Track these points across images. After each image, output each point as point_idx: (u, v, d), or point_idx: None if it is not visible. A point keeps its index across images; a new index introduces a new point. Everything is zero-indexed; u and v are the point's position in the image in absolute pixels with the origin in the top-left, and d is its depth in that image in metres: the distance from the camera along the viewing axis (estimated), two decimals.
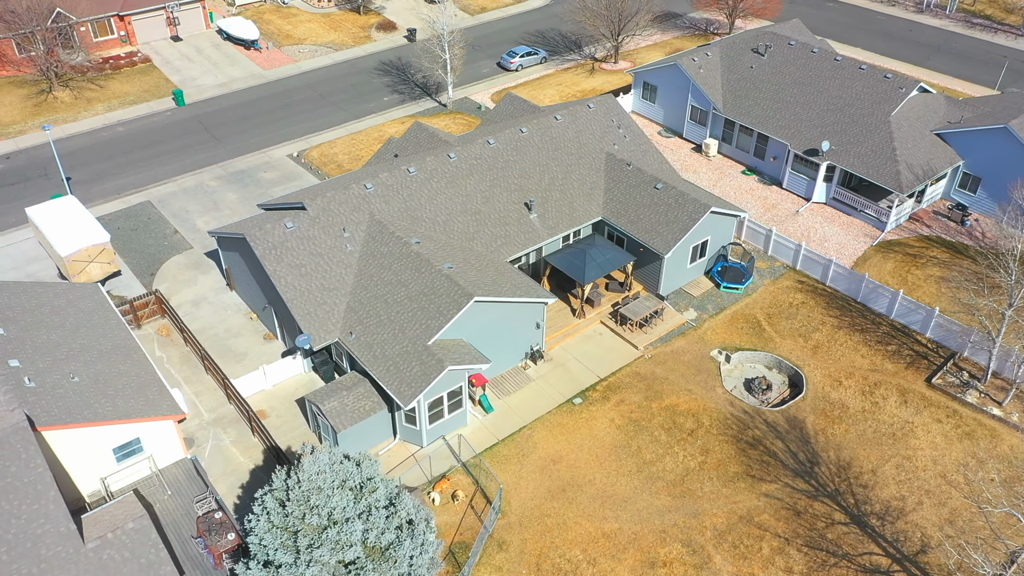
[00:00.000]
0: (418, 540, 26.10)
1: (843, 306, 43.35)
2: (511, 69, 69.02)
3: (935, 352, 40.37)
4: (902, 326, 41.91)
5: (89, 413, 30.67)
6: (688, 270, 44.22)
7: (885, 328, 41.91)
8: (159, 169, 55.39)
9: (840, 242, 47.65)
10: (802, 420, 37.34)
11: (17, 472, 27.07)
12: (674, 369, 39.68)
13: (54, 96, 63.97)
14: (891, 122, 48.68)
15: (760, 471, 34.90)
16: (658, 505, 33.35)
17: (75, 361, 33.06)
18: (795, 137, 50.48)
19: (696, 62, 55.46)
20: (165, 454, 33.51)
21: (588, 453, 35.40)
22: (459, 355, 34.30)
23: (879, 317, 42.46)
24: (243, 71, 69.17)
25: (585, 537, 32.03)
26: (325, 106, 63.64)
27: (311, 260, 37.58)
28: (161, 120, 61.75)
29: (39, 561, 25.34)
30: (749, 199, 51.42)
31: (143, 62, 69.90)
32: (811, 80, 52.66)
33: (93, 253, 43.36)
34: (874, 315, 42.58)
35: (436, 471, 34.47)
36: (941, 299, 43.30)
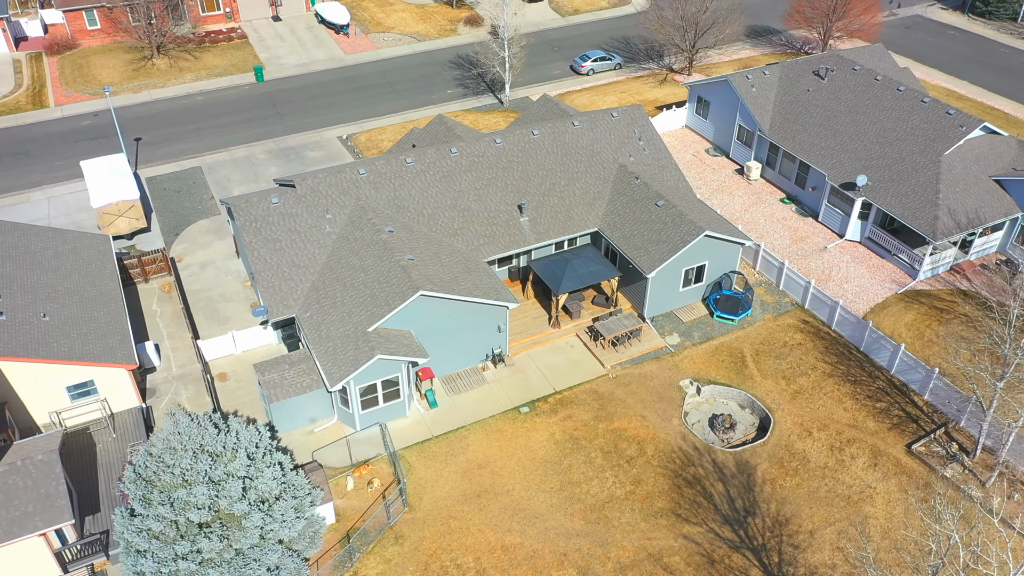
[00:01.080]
0: (279, 515, 26.66)
1: (842, 353, 40.17)
2: (582, 73, 68.26)
3: (929, 416, 36.70)
4: (901, 383, 38.37)
5: (44, 350, 33.28)
6: (680, 294, 42.36)
7: (881, 383, 38.50)
8: (219, 138, 58.89)
9: (862, 285, 44.10)
10: (754, 466, 35.01)
11: None
12: (635, 393, 38.19)
13: (153, 63, 69.27)
14: (941, 162, 44.47)
15: (688, 511, 33.06)
16: (568, 527, 32.32)
17: (53, 302, 35.91)
18: (835, 168, 47.12)
19: (749, 80, 52.81)
20: (119, 400, 35.81)
21: (516, 463, 34.76)
22: (397, 345, 34.58)
23: (878, 370, 39.05)
24: (326, 54, 72.20)
25: (483, 546, 31.54)
26: (390, 93, 65.39)
27: (288, 236, 38.93)
28: (237, 93, 65.55)
29: None
30: (779, 229, 48.49)
31: (240, 38, 74.41)
32: (866, 109, 48.92)
33: (123, 208, 46.81)
34: (874, 367, 39.21)
35: (362, 456, 34.97)
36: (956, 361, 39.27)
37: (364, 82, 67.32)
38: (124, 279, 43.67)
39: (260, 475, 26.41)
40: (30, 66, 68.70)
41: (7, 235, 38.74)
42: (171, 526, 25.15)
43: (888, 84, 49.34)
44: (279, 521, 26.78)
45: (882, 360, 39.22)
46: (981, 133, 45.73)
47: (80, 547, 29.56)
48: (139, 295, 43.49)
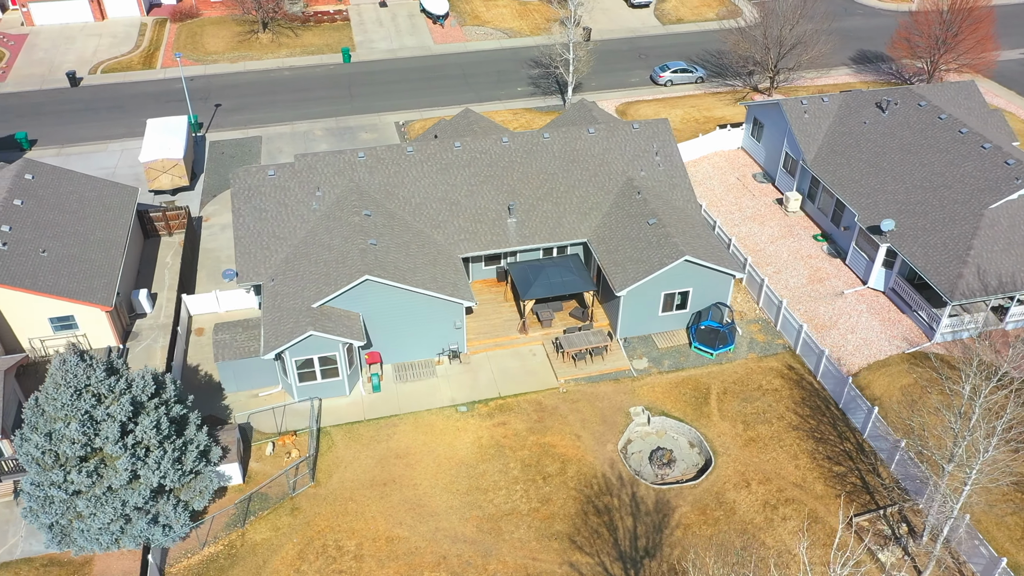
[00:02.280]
0: (153, 462, 28.15)
1: (818, 407, 37.02)
2: (659, 83, 66.29)
3: (889, 491, 33.14)
4: (871, 450, 34.89)
5: (29, 281, 36.69)
6: (660, 318, 40.49)
7: (849, 446, 35.18)
8: (288, 112, 62.10)
9: (868, 338, 40.33)
10: (674, 507, 33.05)
11: None
12: (579, 411, 37.01)
13: (257, 37, 73.93)
14: (984, 215, 39.81)
15: (585, 539, 31.75)
16: (459, 532, 31.92)
17: (57, 241, 39.46)
18: (868, 208, 43.27)
19: (803, 106, 49.38)
20: (98, 338, 38.93)
21: (433, 459, 34.68)
22: (335, 325, 35.39)
23: (851, 432, 35.69)
24: (416, 42, 74.21)
25: (370, 533, 31.79)
26: (461, 86, 66.35)
27: (275, 208, 40.64)
28: (321, 72, 68.76)
29: None
30: (799, 266, 45.17)
31: (343, 20, 77.91)
32: (919, 149, 44.53)
33: (167, 166, 50.51)
34: (847, 428, 35.88)
35: (291, 426, 36.09)
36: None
37: (441, 72, 68.67)
38: (149, 231, 47.23)
39: (141, 421, 27.97)
40: (153, 30, 75.21)
41: (42, 177, 42.87)
42: (50, 455, 27.20)
43: (951, 125, 44.65)
44: (152, 468, 28.27)
45: (857, 421, 35.83)
46: None
47: (14, 462, 32.49)
48: (159, 247, 46.84)
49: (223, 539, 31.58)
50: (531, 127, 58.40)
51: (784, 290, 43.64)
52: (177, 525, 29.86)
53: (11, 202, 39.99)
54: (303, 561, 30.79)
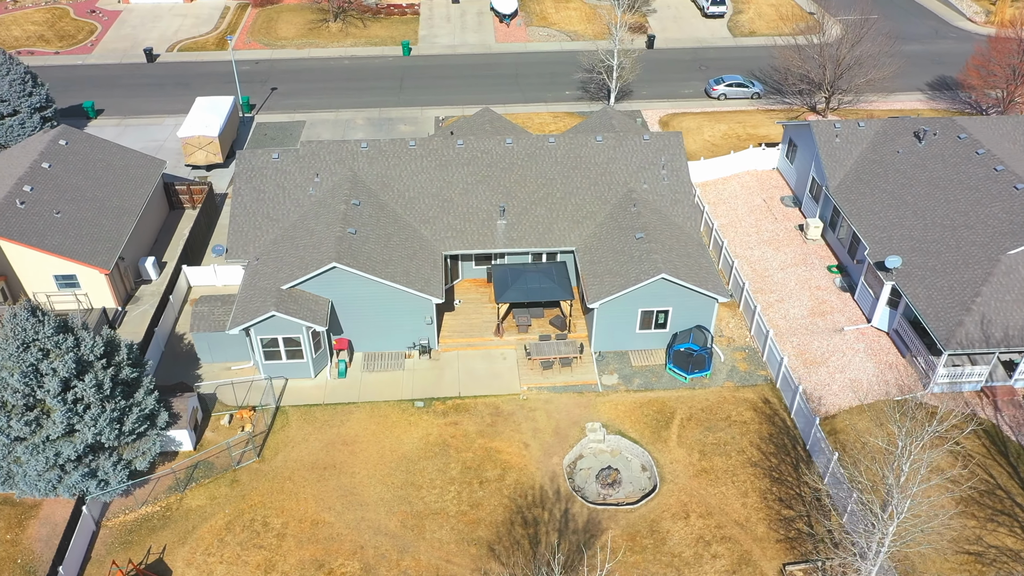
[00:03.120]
0: (90, 419, 29.69)
1: (784, 445, 35.16)
2: (712, 96, 64.31)
3: (837, 542, 31.09)
4: (829, 497, 32.84)
5: (37, 240, 39.32)
6: (637, 335, 39.39)
7: (807, 490, 33.22)
8: (336, 100, 63.85)
9: (858, 379, 37.94)
10: (604, 529, 32.15)
11: None
12: (534, 420, 36.51)
13: (328, 26, 76.34)
14: (1001, 261, 36.69)
15: (504, 549, 31.34)
16: (382, 524, 32.13)
17: (73, 204, 42.08)
18: (880, 243, 40.65)
19: (836, 129, 46.82)
20: (98, 299, 41.30)
21: (377, 450, 35.02)
22: (300, 308, 36.24)
23: (812, 476, 33.67)
24: (478, 40, 74.76)
25: (298, 514, 32.44)
26: (510, 85, 66.42)
27: (273, 190, 41.93)
28: (378, 63, 70.31)
29: None
30: (804, 297, 42.92)
31: (412, 14, 79.39)
32: (948, 184, 41.46)
33: (203, 142, 52.96)
34: (808, 470, 33.88)
35: (255, 401, 37.21)
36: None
37: (495, 71, 68.92)
38: (174, 203, 49.69)
39: (84, 379, 29.53)
40: (234, 14, 78.85)
41: (76, 143, 45.81)
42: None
43: (986, 161, 41.37)
44: (89, 424, 29.82)
45: (821, 465, 33.81)
46: None
47: None
48: (181, 219, 49.18)
49: (162, 501, 32.98)
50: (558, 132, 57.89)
51: (782, 320, 41.63)
52: (114, 481, 31.40)
53: (40, 164, 42.95)
54: (229, 532, 31.76)
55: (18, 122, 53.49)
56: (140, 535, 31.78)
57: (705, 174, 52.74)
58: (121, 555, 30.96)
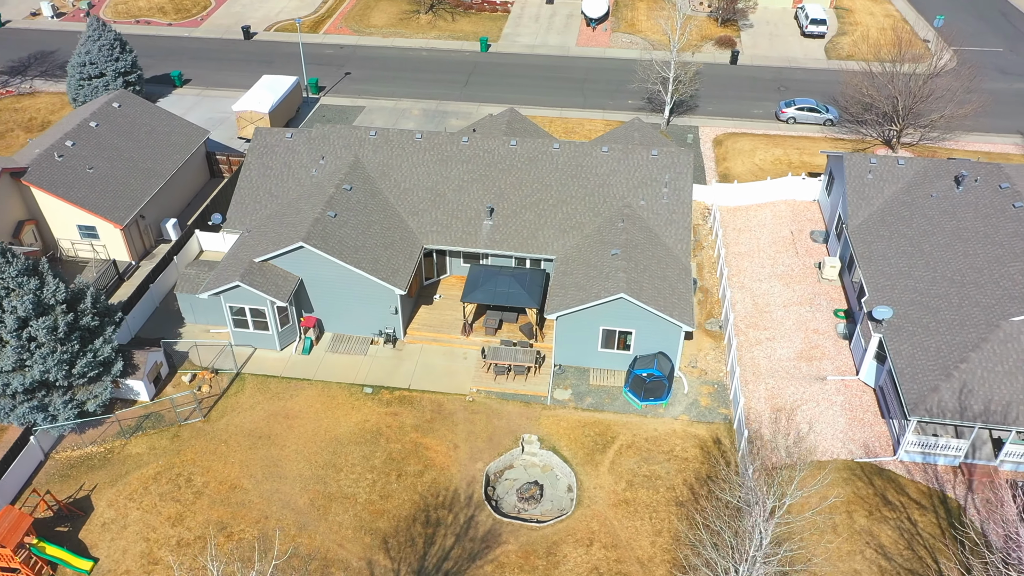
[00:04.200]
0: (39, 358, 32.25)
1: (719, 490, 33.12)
2: (781, 119, 61.00)
3: None
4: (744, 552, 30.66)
5: (63, 191, 42.93)
6: (599, 354, 38.22)
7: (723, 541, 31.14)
8: (401, 89, 65.41)
9: (823, 433, 35.08)
10: (502, 542, 31.57)
11: None
12: (472, 423, 36.26)
13: (419, 18, 78.30)
14: (1000, 327, 32.86)
15: (396, 544, 31.43)
16: (292, 499, 33.01)
17: (107, 162, 45.55)
18: (882, 291, 37.34)
19: (871, 165, 43.32)
20: (115, 251, 44.61)
21: (314, 428, 35.93)
22: (266, 282, 37.66)
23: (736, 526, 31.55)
24: (559, 42, 74.35)
25: (220, 476, 33.85)
26: (574, 90, 65.70)
27: (279, 168, 43.71)
28: (454, 57, 71.35)
29: None
30: (796, 339, 40.11)
31: (503, 11, 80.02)
32: (973, 236, 37.50)
33: (254, 117, 55.88)
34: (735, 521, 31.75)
35: (223, 365, 39.04)
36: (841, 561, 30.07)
37: (564, 74, 68.35)
38: (216, 172, 52.77)
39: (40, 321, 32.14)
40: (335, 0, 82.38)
41: (128, 107, 49.56)
42: None
43: (1022, 215, 37.12)
44: (38, 362, 32.41)
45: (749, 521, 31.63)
46: None
47: None
48: (217, 186, 52.14)
49: (108, 444, 35.36)
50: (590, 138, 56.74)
51: (765, 360, 39.17)
52: (61, 417, 33.99)
53: (88, 123, 46.83)
54: (155, 482, 33.63)
55: (103, 84, 58.39)
56: (79, 472, 34.23)
57: (738, 199, 50.24)
58: (58, 487, 33.48)
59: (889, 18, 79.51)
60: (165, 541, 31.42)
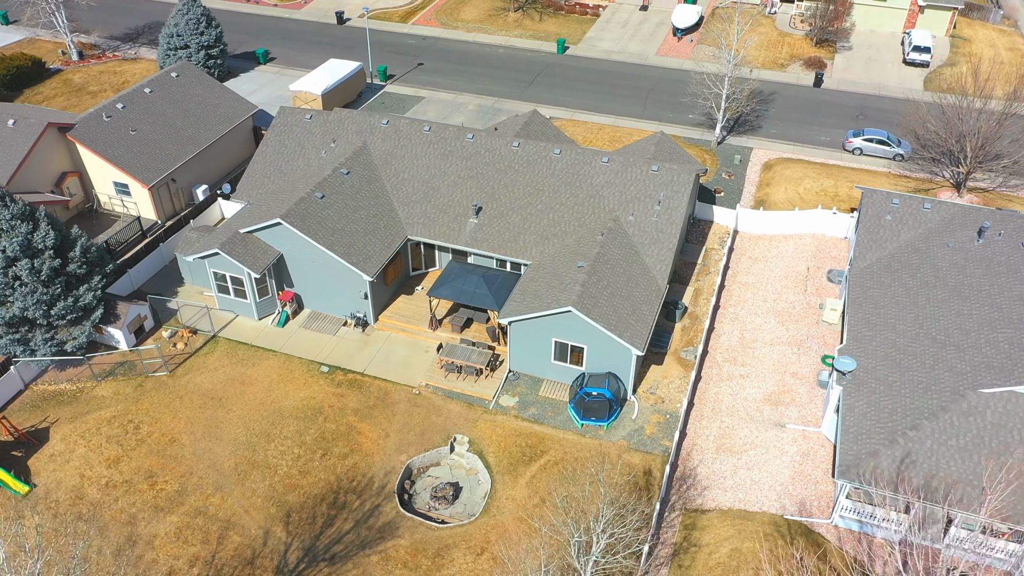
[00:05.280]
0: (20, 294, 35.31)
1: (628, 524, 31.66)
2: (846, 149, 57.07)
3: None
4: None
5: (102, 149, 46.55)
6: (552, 365, 37.41)
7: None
8: (466, 83, 66.13)
9: (758, 482, 32.74)
10: (397, 536, 31.70)
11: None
12: (410, 415, 36.49)
13: (507, 15, 78.81)
14: (967, 398, 29.44)
15: (297, 520, 32.21)
16: (218, 461, 34.47)
17: (151, 126, 48.93)
18: (860, 341, 34.32)
19: (893, 205, 39.84)
20: (144, 209, 47.97)
21: (263, 396, 37.27)
22: (244, 253, 39.38)
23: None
24: (639, 49, 72.74)
25: (164, 429, 35.82)
26: (636, 99, 64.14)
27: (294, 147, 45.48)
28: (528, 56, 71.27)
29: None
30: (770, 380, 37.57)
31: (593, 14, 79.15)
32: (975, 294, 33.77)
33: (308, 98, 58.31)
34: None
35: (200, 326, 41.21)
36: None
37: (633, 82, 66.82)
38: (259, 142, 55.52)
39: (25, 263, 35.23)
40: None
41: (186, 77, 52.99)
42: None
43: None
44: (18, 299, 35.49)
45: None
46: None
47: None
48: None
49: (81, 383, 38.22)
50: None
51: (729, 397, 37.03)
52: (40, 353, 37.07)
53: (142, 89, 50.55)
54: (107, 425, 36.05)
55: (186, 55, 62.68)
56: (49, 404, 37.22)
57: (762, 227, 47.55)
58: (26, 415, 36.58)
59: (1013, 51, 72.49)
60: (96, 480, 33.68)
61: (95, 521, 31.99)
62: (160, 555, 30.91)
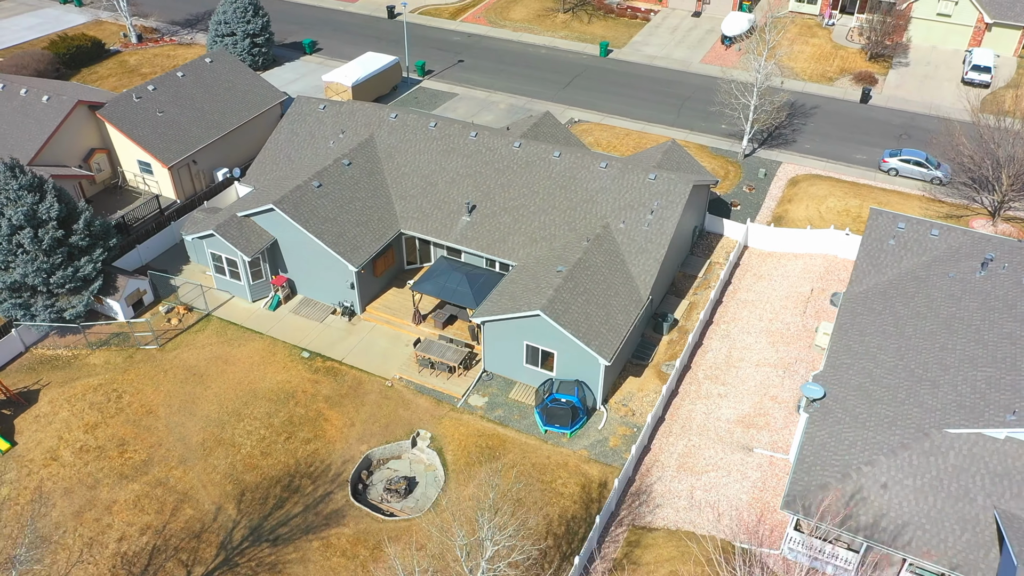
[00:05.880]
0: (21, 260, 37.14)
1: (571, 533, 31.12)
2: (882, 169, 54.68)
3: None
4: None
5: (127, 127, 48.48)
6: (524, 369, 37.13)
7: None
8: (502, 82, 66.13)
9: (712, 504, 31.68)
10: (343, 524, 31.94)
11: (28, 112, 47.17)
12: (379, 406, 36.79)
13: (556, 17, 78.49)
14: (931, 437, 27.78)
15: (249, 499, 32.89)
16: (188, 435, 35.46)
17: (179, 109, 50.69)
18: (835, 368, 32.81)
19: (900, 230, 37.90)
20: (164, 188, 49.75)
21: (241, 377, 38.14)
22: (238, 236, 40.41)
23: None
24: (683, 56, 71.30)
25: (143, 400, 37.06)
26: (671, 106, 62.92)
27: (304, 135, 46.40)
28: (570, 58, 70.82)
29: None
30: (747, 402, 36.27)
31: (643, 19, 78.03)
32: (966, 329, 31.82)
33: (339, 89, 59.39)
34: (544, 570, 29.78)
35: (197, 305, 42.49)
36: None
37: (668, 88, 65.51)
38: None
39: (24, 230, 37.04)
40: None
41: (219, 63, 54.70)
42: None
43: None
44: (19, 267, 37.32)
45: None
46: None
47: None
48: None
49: (76, 350, 39.92)
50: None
51: (702, 415, 36.01)
52: (39, 319, 38.91)
53: (175, 74, 52.46)
54: (93, 392, 37.54)
55: (232, 42, 64.78)
56: (44, 368, 39.04)
57: (772, 243, 46.02)
58: (21, 377, 38.40)
59: None
60: (72, 443, 35.15)
61: (62, 482, 33.41)
62: (116, 520, 32.06)
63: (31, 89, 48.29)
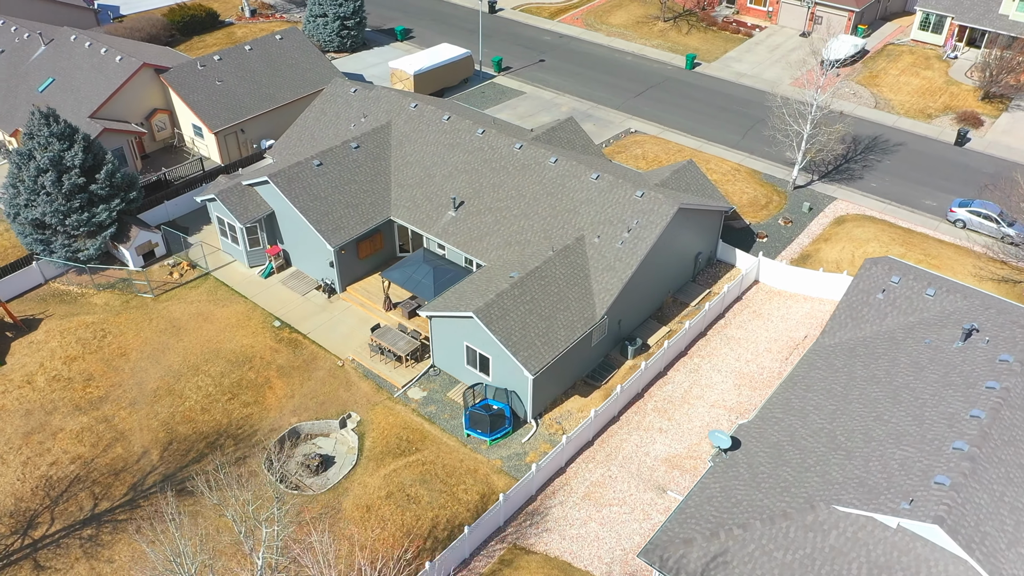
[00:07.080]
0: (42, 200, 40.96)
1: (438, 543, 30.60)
2: (948, 219, 49.48)
3: None
4: None
5: (185, 93, 52.03)
6: (465, 369, 36.76)
7: None
8: (574, 85, 65.21)
9: (603, 539, 30.03)
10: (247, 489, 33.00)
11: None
12: (323, 384, 37.67)
13: (655, 25, 76.42)
14: (818, 511, 25.01)
15: (173, 451, 34.73)
16: (147, 381, 37.83)
17: (237, 80, 53.85)
18: (767, 420, 30.16)
19: (893, 284, 34.13)
20: (210, 152, 53.08)
21: (212, 335, 40.14)
22: (236, 203, 42.54)
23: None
24: (773, 76, 67.43)
25: (122, 340, 39.89)
26: (737, 127, 59.73)
27: (332, 115, 48.01)
28: (653, 68, 68.76)
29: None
30: (684, 443, 34.06)
31: (745, 35, 74.41)
32: (913, 404, 28.32)
33: (402, 76, 60.89)
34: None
35: (201, 263, 45.11)
36: None
37: (743, 110, 62.08)
38: None
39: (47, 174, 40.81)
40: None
41: (288, 40, 57.55)
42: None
43: (993, 398, 27.24)
44: (39, 206, 41.14)
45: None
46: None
47: None
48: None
49: (85, 289, 43.52)
50: (734, 187, 51.32)
51: (633, 448, 34.29)
52: (55, 256, 42.76)
53: (243, 47, 55.75)
54: (83, 328, 40.82)
55: (322, 23, 67.99)
56: (54, 300, 42.88)
57: (783, 282, 42.89)
58: (32, 306, 42.37)
59: None
60: (49, 371, 38.45)
61: (26, 403, 36.68)
62: (55, 446, 34.85)
63: (110, 49, 52.90)
